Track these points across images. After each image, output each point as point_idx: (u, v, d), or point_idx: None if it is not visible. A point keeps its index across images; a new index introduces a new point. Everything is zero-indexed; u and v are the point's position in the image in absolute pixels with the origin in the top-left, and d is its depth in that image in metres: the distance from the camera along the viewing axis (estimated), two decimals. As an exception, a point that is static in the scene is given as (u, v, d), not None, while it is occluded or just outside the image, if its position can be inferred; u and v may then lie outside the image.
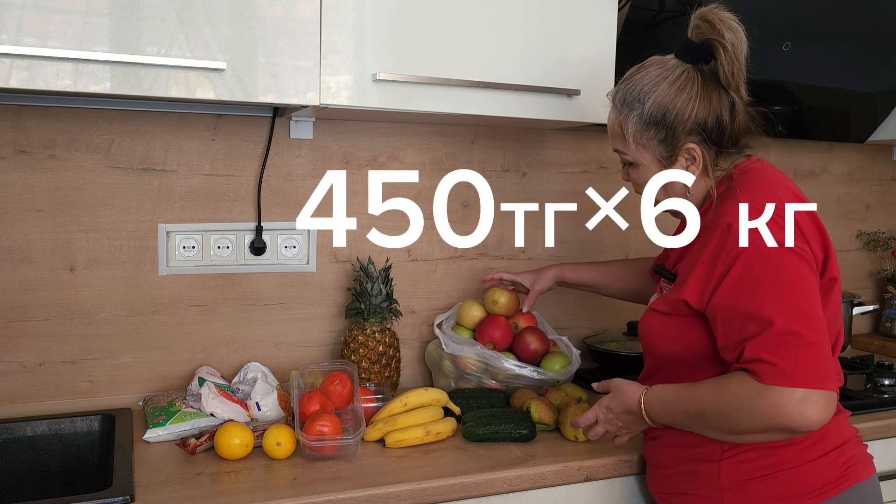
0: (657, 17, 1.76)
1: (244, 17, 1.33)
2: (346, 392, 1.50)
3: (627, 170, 1.34)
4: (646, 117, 1.25)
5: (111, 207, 1.60)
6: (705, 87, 1.23)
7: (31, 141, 1.54)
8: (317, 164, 1.75)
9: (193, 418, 1.45)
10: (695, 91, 1.23)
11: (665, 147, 1.26)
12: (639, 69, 1.28)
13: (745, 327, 1.12)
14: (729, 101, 1.24)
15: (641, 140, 1.27)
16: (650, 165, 1.28)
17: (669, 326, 1.25)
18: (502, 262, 1.95)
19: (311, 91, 1.38)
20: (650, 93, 1.24)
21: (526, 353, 1.70)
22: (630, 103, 1.26)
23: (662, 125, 1.24)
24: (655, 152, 1.27)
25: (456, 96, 1.49)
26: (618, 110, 1.29)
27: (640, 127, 1.26)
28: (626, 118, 1.27)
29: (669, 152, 1.26)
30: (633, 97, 1.26)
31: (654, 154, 1.27)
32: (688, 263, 1.24)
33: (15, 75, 1.20)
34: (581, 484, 1.40)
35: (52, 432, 1.48)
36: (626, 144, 1.29)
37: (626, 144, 1.29)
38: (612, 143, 1.34)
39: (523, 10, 1.52)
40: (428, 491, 1.28)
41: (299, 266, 1.76)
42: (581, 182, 2.01)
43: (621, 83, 1.30)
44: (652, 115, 1.24)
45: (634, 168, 1.31)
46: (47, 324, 1.58)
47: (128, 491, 1.19)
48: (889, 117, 2.10)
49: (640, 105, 1.25)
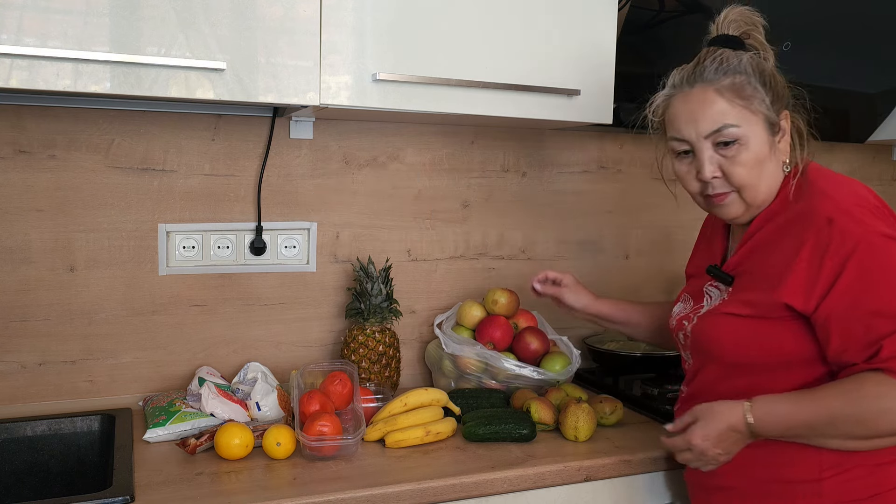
0: (657, 17, 1.76)
1: (244, 17, 1.33)
2: (346, 392, 1.50)
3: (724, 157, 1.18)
4: (756, 77, 1.17)
5: (111, 207, 1.60)
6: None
7: (31, 141, 1.54)
8: (317, 164, 1.75)
9: (193, 418, 1.45)
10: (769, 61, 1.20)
11: (773, 112, 1.17)
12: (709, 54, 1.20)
13: (875, 326, 1.07)
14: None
15: (755, 103, 1.16)
16: (761, 137, 1.17)
17: (751, 330, 1.17)
18: (502, 262, 1.95)
19: (311, 91, 1.38)
20: (746, 61, 1.17)
21: (526, 353, 1.70)
22: (734, 69, 1.17)
23: (770, 86, 1.17)
24: (768, 118, 1.17)
25: (456, 96, 1.49)
26: (719, 80, 1.17)
27: (754, 89, 1.16)
28: (739, 81, 1.16)
29: (775, 118, 1.18)
30: (732, 64, 1.17)
31: (766, 120, 1.17)
32: (772, 263, 1.16)
33: (15, 75, 1.20)
34: (581, 484, 1.40)
35: (52, 432, 1.48)
36: (739, 113, 1.16)
37: (738, 114, 1.16)
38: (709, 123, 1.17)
39: (523, 11, 1.52)
40: (428, 491, 1.28)
41: (299, 266, 1.76)
42: (581, 182, 2.01)
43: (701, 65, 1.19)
44: (760, 75, 1.17)
45: (741, 147, 1.16)
46: (47, 324, 1.58)
47: (128, 491, 1.19)
48: (889, 117, 2.09)
49: (744, 67, 1.17)
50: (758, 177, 1.18)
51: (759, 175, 1.18)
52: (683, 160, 1.24)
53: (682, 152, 1.23)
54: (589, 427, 1.48)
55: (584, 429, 1.47)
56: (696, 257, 1.45)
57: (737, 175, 1.18)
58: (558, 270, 1.62)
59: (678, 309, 1.38)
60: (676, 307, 1.39)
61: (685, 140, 1.21)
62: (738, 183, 1.18)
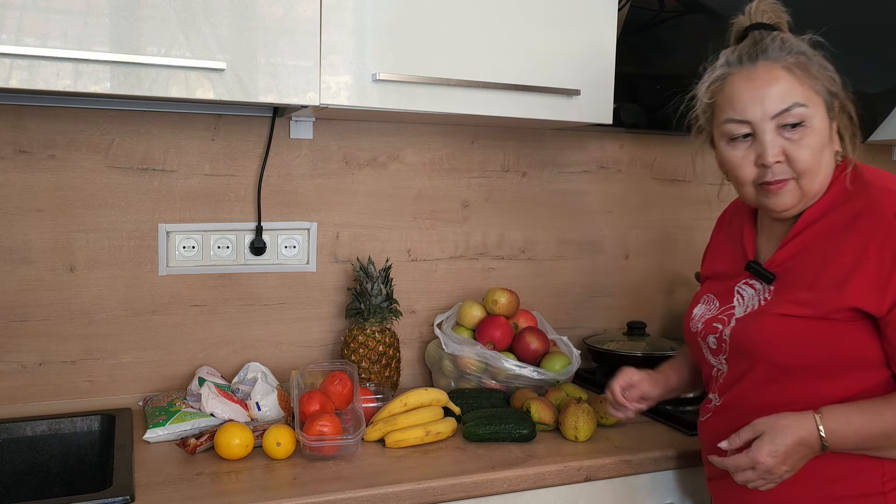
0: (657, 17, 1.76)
1: (244, 17, 1.33)
2: (346, 392, 1.50)
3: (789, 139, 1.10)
4: (819, 59, 1.11)
5: (111, 207, 1.60)
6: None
7: (31, 141, 1.54)
8: (317, 164, 1.75)
9: (193, 418, 1.45)
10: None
11: (831, 96, 1.11)
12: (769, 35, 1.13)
13: None
14: None
15: (818, 85, 1.10)
16: (822, 120, 1.10)
17: (810, 332, 1.10)
18: (502, 262, 1.95)
19: (311, 91, 1.38)
20: (804, 42, 1.12)
21: (526, 353, 1.70)
22: (796, 48, 1.11)
23: (829, 70, 1.12)
24: (827, 101, 1.11)
25: (456, 96, 1.49)
26: (784, 58, 1.10)
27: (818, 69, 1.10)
28: (802, 60, 1.10)
29: (833, 102, 1.12)
30: (793, 44, 1.11)
31: (826, 103, 1.11)
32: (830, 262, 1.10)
33: (15, 75, 1.20)
34: (581, 484, 1.40)
35: (52, 432, 1.48)
36: (806, 93, 1.09)
37: (804, 93, 1.09)
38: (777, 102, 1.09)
39: (523, 11, 1.52)
40: (428, 491, 1.28)
41: (299, 266, 1.76)
42: (581, 182, 2.01)
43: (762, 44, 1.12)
44: (819, 57, 1.11)
45: (806, 130, 1.09)
46: (47, 324, 1.58)
47: (128, 491, 1.19)
48: (889, 117, 2.09)
49: (805, 49, 1.11)
50: (818, 163, 1.11)
51: (820, 161, 1.11)
52: (739, 145, 1.13)
53: (741, 136, 1.13)
54: (589, 427, 1.48)
55: (584, 429, 1.47)
56: (714, 257, 1.36)
57: (801, 160, 1.09)
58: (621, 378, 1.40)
59: (700, 311, 1.29)
60: (697, 309, 1.30)
61: (746, 121, 1.11)
62: (801, 168, 1.10)
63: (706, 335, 1.25)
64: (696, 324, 1.29)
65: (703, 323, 1.27)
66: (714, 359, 1.25)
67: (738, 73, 1.12)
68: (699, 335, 1.27)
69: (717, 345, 1.23)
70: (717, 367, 1.25)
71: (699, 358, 1.31)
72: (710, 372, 1.28)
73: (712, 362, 1.26)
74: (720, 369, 1.24)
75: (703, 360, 1.29)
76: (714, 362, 1.25)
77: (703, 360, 1.29)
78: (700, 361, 1.32)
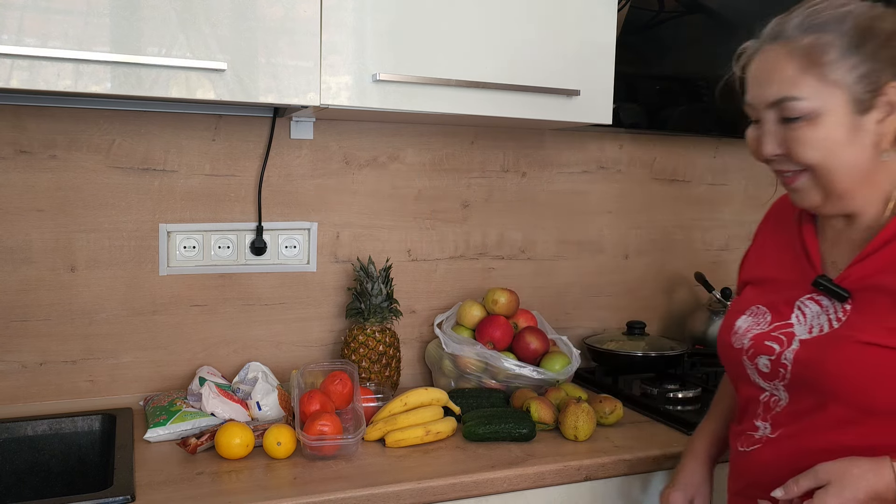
0: (657, 17, 1.76)
1: (244, 18, 1.33)
2: (347, 392, 1.50)
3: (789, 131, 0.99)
4: (847, 40, 0.94)
5: (112, 207, 1.60)
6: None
7: (32, 141, 1.54)
8: (317, 165, 1.75)
9: (194, 418, 1.45)
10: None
11: (865, 84, 0.95)
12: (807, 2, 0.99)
13: None
14: None
15: (836, 73, 0.94)
16: (837, 114, 0.96)
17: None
18: (502, 262, 1.95)
19: (312, 91, 1.39)
20: (849, 14, 0.96)
21: (526, 353, 1.71)
22: (821, 25, 0.96)
23: (867, 53, 0.94)
24: (851, 91, 0.95)
25: (456, 96, 1.49)
26: (795, 39, 0.97)
27: (838, 54, 0.94)
28: (817, 44, 0.95)
29: (869, 92, 0.95)
30: (823, 18, 0.96)
31: (849, 94, 0.95)
32: None
33: (15, 75, 1.20)
34: (581, 483, 1.40)
35: (52, 432, 1.48)
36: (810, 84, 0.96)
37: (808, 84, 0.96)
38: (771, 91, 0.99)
39: (523, 11, 1.53)
40: (428, 490, 1.28)
41: (300, 266, 1.76)
42: (581, 182, 2.01)
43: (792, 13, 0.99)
44: (855, 37, 0.95)
45: (809, 123, 0.97)
46: (48, 324, 1.58)
47: (128, 491, 1.19)
48: (889, 117, 2.09)
49: (837, 26, 0.95)
50: (832, 162, 0.97)
51: (835, 157, 0.97)
52: (752, 128, 1.05)
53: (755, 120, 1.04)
54: (589, 427, 1.48)
55: (584, 428, 1.47)
56: (762, 259, 1.18)
57: (801, 156, 0.98)
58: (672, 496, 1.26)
59: (746, 324, 1.11)
60: (742, 321, 1.12)
61: (751, 105, 1.03)
62: (803, 161, 0.99)
63: (756, 355, 1.08)
64: (740, 339, 1.11)
65: (751, 339, 1.09)
66: (766, 383, 1.08)
67: (759, 51, 1.02)
68: (745, 353, 1.10)
69: (773, 369, 1.06)
70: (771, 393, 1.08)
71: (738, 376, 1.14)
72: (757, 395, 1.10)
73: (762, 386, 1.09)
74: (776, 396, 1.07)
75: (745, 380, 1.12)
76: (766, 386, 1.08)
77: (744, 379, 1.13)
78: (738, 380, 1.15)
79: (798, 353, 1.02)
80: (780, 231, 1.17)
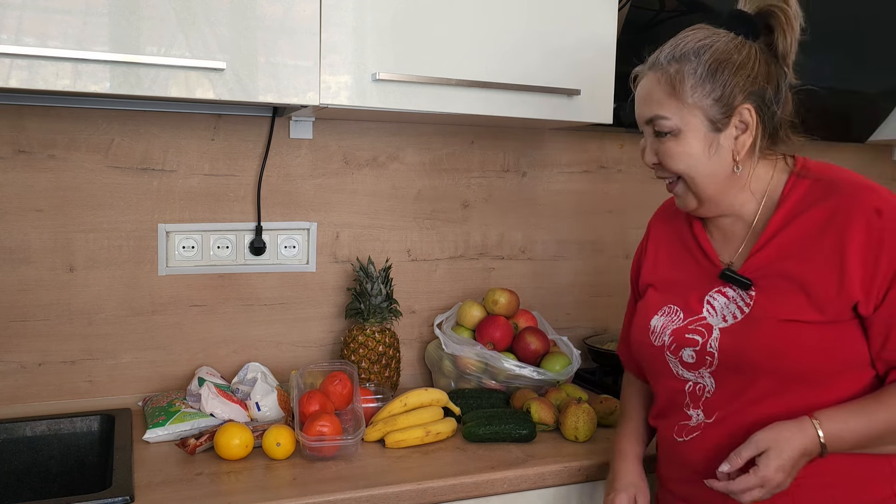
0: (657, 17, 1.76)
1: (244, 17, 1.33)
2: (346, 392, 1.50)
3: (661, 144, 1.15)
4: (703, 70, 1.10)
5: (111, 207, 1.60)
6: (762, 53, 1.12)
7: (31, 141, 1.53)
8: (317, 164, 1.75)
9: (193, 418, 1.45)
10: (753, 52, 1.11)
11: (719, 107, 1.10)
12: (685, 31, 1.15)
13: None
14: (783, 75, 1.13)
15: (694, 97, 1.10)
16: (697, 131, 1.11)
17: (816, 337, 1.08)
18: (502, 262, 1.95)
19: (311, 91, 1.38)
20: (707, 47, 1.11)
21: (526, 353, 1.70)
22: (683, 56, 1.11)
23: (720, 80, 1.10)
24: (707, 113, 1.10)
25: (456, 96, 1.49)
26: (664, 68, 1.13)
27: (695, 81, 1.10)
28: (679, 72, 1.11)
29: (723, 113, 1.10)
30: (685, 50, 1.12)
31: (705, 115, 1.11)
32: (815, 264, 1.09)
33: (15, 75, 1.20)
34: (581, 484, 1.40)
35: (51, 432, 1.48)
36: (673, 106, 1.12)
37: (671, 106, 1.12)
38: (646, 110, 1.15)
39: (523, 11, 1.52)
40: (428, 491, 1.28)
41: (299, 266, 1.75)
42: (581, 182, 2.01)
43: (665, 45, 1.15)
44: (710, 67, 1.10)
45: (674, 139, 1.13)
46: (47, 324, 1.58)
47: (127, 491, 1.19)
48: (889, 117, 2.10)
49: (695, 57, 1.11)
50: (695, 170, 1.13)
51: (696, 168, 1.13)
52: (642, 140, 1.21)
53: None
54: (589, 427, 1.48)
55: (584, 429, 1.47)
56: (658, 264, 1.31)
57: (671, 165, 1.14)
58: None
59: (662, 322, 1.23)
60: (657, 321, 1.23)
61: (637, 121, 1.19)
62: (673, 170, 1.15)
63: (679, 349, 1.19)
64: (659, 336, 1.22)
65: (670, 335, 1.20)
66: (691, 373, 1.19)
67: (641, 76, 1.18)
68: (667, 349, 1.21)
69: (698, 358, 1.17)
70: (696, 382, 1.19)
71: (659, 372, 1.24)
72: (682, 387, 1.20)
73: (686, 377, 1.19)
74: (701, 384, 1.18)
75: (667, 375, 1.22)
76: (690, 377, 1.19)
77: (665, 374, 1.23)
78: (660, 375, 1.25)
79: (722, 341, 1.14)
80: (670, 235, 1.31)
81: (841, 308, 1.07)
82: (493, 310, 1.77)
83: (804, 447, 1.05)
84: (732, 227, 1.20)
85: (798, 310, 1.09)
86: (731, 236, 1.21)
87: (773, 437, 1.05)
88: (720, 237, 1.22)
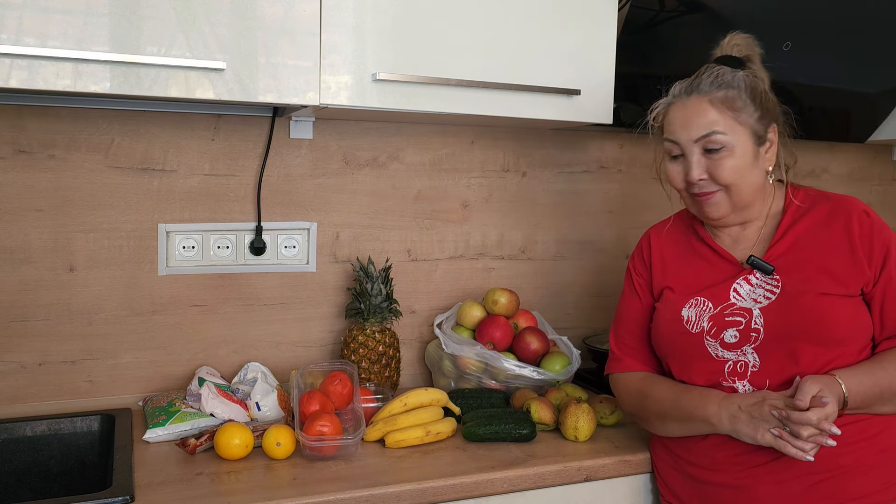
0: (657, 17, 1.75)
1: (244, 17, 1.33)
2: (346, 392, 1.50)
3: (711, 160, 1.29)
4: (747, 94, 1.29)
5: (111, 207, 1.60)
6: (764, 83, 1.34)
7: (31, 141, 1.54)
8: (317, 164, 1.75)
9: (193, 418, 1.45)
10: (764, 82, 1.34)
11: (760, 125, 1.30)
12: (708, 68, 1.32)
13: None
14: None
15: (743, 116, 1.29)
16: (746, 146, 1.29)
17: (846, 309, 1.26)
18: (502, 262, 1.95)
19: (311, 91, 1.38)
20: (739, 78, 1.30)
21: (526, 353, 1.70)
22: (725, 83, 1.29)
23: (759, 102, 1.30)
24: (754, 129, 1.30)
25: (456, 96, 1.49)
26: (712, 93, 1.29)
27: (742, 103, 1.29)
28: (727, 96, 1.29)
29: (762, 131, 1.31)
30: (724, 80, 1.30)
31: (752, 131, 1.30)
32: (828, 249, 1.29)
33: (15, 75, 1.20)
34: (581, 484, 1.40)
35: (51, 432, 1.48)
36: (728, 123, 1.28)
37: (726, 124, 1.28)
38: (699, 129, 1.28)
39: (523, 11, 1.52)
40: (428, 491, 1.28)
41: (299, 266, 1.75)
42: (581, 182, 2.01)
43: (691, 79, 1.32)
44: (750, 92, 1.30)
45: (728, 152, 1.28)
46: (47, 324, 1.58)
47: (127, 491, 1.19)
48: (889, 117, 2.09)
49: (737, 83, 1.29)
50: (742, 179, 1.29)
51: (744, 178, 1.30)
52: (675, 162, 1.34)
53: (675, 156, 1.34)
54: (589, 427, 1.48)
55: (584, 429, 1.47)
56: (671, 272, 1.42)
57: (722, 177, 1.29)
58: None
59: (694, 312, 1.34)
60: (686, 311, 1.34)
61: (677, 143, 1.32)
62: (724, 182, 1.29)
63: (720, 331, 1.30)
64: (696, 324, 1.33)
65: (708, 320, 1.32)
66: (732, 352, 1.30)
67: (675, 103, 1.33)
68: (706, 334, 1.31)
69: (742, 337, 1.29)
70: (737, 360, 1.29)
71: (695, 357, 1.33)
72: (721, 367, 1.30)
73: (726, 356, 1.30)
74: (743, 361, 1.29)
75: (705, 358, 1.32)
76: (731, 356, 1.30)
77: (703, 357, 1.32)
78: (694, 360, 1.33)
79: (767, 318, 1.28)
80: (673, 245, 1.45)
81: (857, 283, 1.27)
82: (493, 310, 1.77)
83: (839, 396, 1.19)
84: (743, 231, 1.37)
85: (827, 285, 1.26)
86: (741, 239, 1.37)
87: (819, 378, 1.19)
88: (730, 242, 1.38)
